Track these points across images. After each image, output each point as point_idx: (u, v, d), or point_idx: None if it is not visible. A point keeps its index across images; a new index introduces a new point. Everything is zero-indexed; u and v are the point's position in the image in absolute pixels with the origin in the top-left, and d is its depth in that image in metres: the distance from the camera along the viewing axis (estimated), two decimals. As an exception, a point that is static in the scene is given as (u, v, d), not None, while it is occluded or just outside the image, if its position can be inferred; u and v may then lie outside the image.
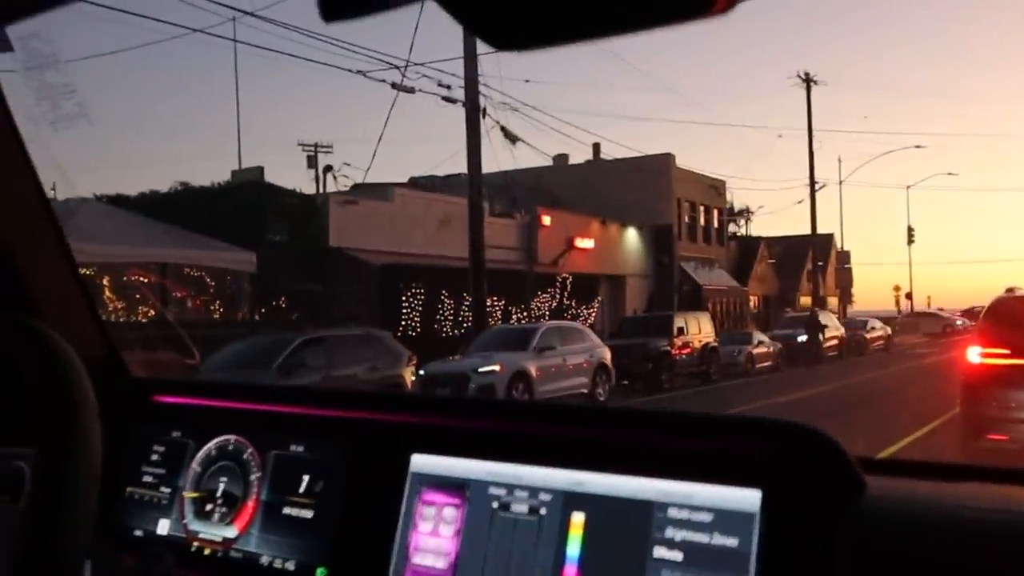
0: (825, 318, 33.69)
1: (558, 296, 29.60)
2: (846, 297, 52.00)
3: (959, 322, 49.66)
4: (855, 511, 1.00)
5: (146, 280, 18.57)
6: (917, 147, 60.00)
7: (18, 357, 1.13)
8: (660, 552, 1.08)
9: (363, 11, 0.75)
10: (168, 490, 1.50)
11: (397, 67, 19.78)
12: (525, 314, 27.19)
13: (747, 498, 1.05)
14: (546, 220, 30.89)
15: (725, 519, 1.06)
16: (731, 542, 1.04)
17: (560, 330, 19.40)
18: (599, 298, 32.37)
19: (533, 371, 17.04)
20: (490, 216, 25.44)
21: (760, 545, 1.02)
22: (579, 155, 40.09)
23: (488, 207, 24.62)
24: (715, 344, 25.03)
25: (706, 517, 1.07)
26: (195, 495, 1.46)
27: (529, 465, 1.20)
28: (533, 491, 1.19)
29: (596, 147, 38.52)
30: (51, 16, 1.38)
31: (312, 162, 34.95)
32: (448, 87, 20.51)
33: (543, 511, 1.17)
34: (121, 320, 18.50)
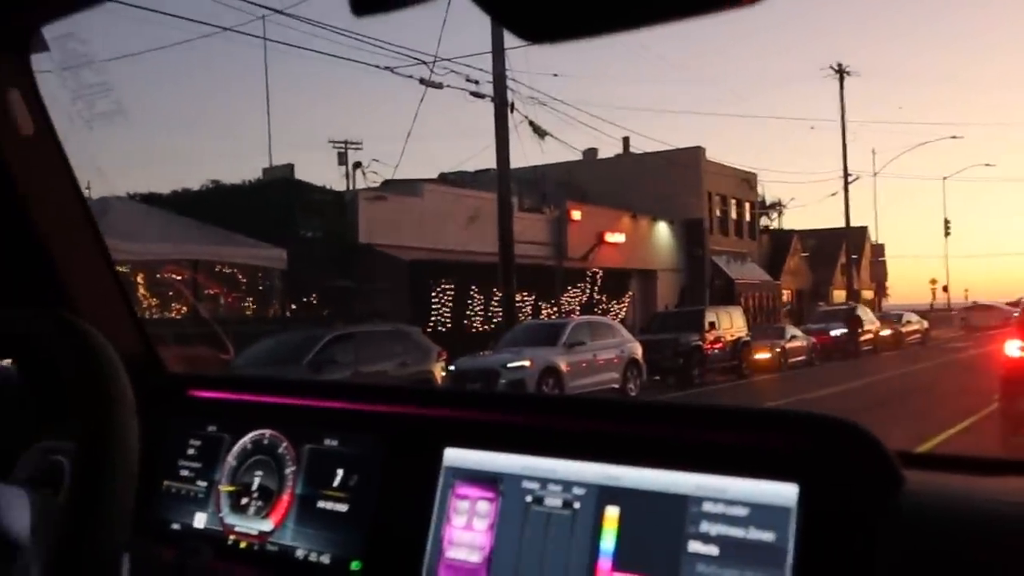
0: (861, 312, 33.42)
1: (588, 291, 29.54)
2: (881, 291, 51.50)
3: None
4: (893, 506, 0.99)
5: (179, 277, 18.79)
6: (953, 137, 59.36)
7: (56, 352, 1.14)
8: (695, 546, 1.08)
9: (393, 5, 0.75)
10: (204, 484, 1.51)
11: (425, 63, 19.85)
12: (555, 309, 27.17)
13: (784, 492, 1.04)
14: (576, 215, 30.85)
15: (761, 513, 1.05)
16: (768, 536, 1.04)
17: (590, 325, 19.41)
18: (630, 293, 32.25)
19: (563, 366, 17.05)
20: (519, 211, 25.45)
21: (797, 540, 1.01)
22: (609, 149, 39.91)
23: (517, 202, 24.64)
24: (747, 339, 24.88)
25: (742, 511, 1.06)
26: (231, 489, 1.48)
27: (563, 459, 1.20)
28: (567, 485, 1.19)
29: (626, 141, 38.37)
30: (83, 15, 1.41)
31: (342, 159, 35.20)
32: (476, 82, 20.56)
33: (577, 505, 1.17)
34: (154, 317, 18.75)
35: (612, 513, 1.15)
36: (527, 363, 16.34)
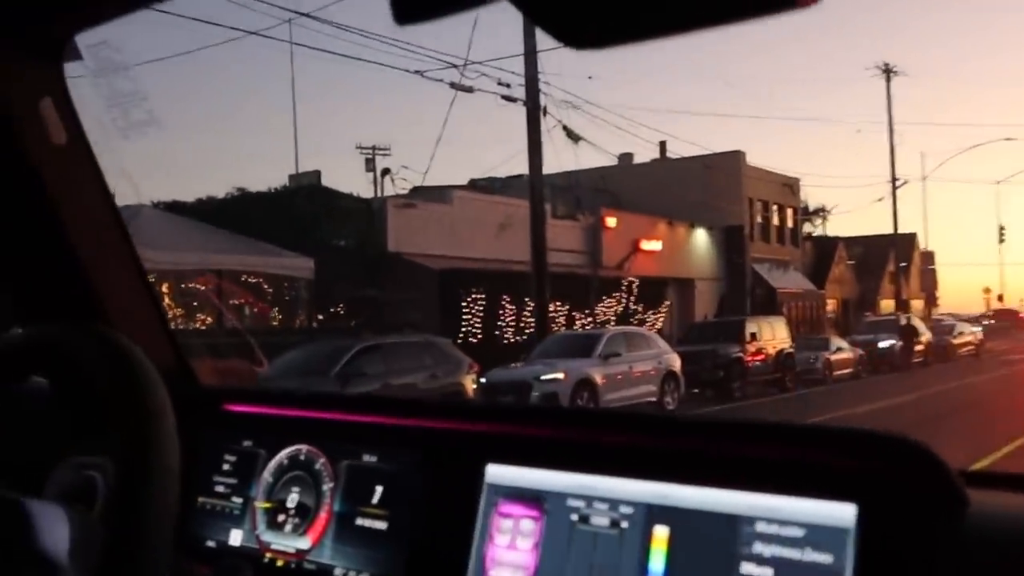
0: (915, 323, 33.08)
1: (624, 301, 29.48)
2: (931, 300, 50.85)
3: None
4: (958, 528, 0.98)
5: (203, 287, 19.01)
6: (1007, 140, 58.41)
7: (93, 365, 1.16)
8: (748, 568, 1.07)
9: (437, 13, 0.76)
10: (240, 500, 1.53)
11: (455, 66, 19.96)
12: (589, 319, 27.16)
13: (841, 513, 1.03)
14: (611, 222, 30.83)
15: (818, 534, 1.04)
16: (824, 559, 1.03)
17: (626, 336, 19.38)
18: (667, 302, 32.10)
19: (598, 379, 17.02)
20: (552, 218, 25.49)
21: (856, 562, 1.00)
22: (645, 154, 39.97)
23: (550, 209, 24.69)
24: (790, 350, 24.68)
25: (797, 532, 1.06)
26: (267, 505, 1.49)
27: (609, 476, 1.20)
28: (614, 503, 1.19)
29: (663, 145, 38.30)
30: (113, 23, 1.44)
31: (370, 165, 35.45)
32: (508, 85, 20.63)
33: (624, 524, 1.17)
34: (181, 327, 18.98)
35: (661, 533, 1.14)
36: (560, 375, 16.34)
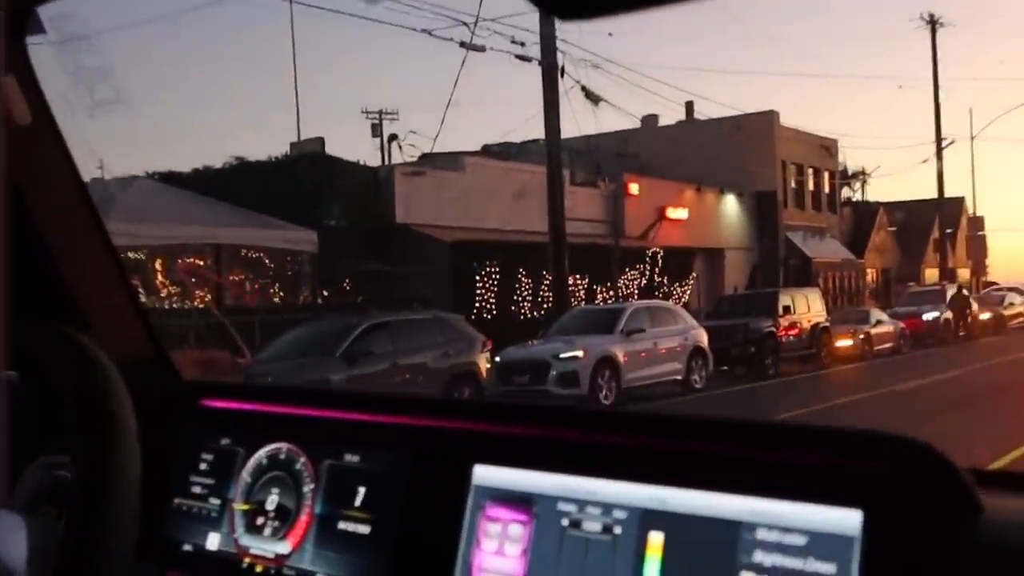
0: (966, 292, 32.94)
1: (648, 273, 29.43)
2: (979, 269, 50.50)
3: None
4: (970, 536, 0.98)
5: (200, 263, 19.08)
6: (1063, 95, 57.58)
7: (53, 365, 1.17)
8: None
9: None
10: (217, 502, 1.54)
11: (465, 24, 19.87)
12: (611, 293, 27.17)
13: (846, 520, 1.03)
14: (633, 188, 30.76)
15: (821, 542, 1.04)
16: (828, 568, 1.03)
17: (650, 311, 19.34)
18: (694, 274, 32.04)
19: (620, 356, 17.02)
20: (571, 185, 25.42)
21: (861, 572, 1.00)
22: (670, 115, 39.74)
23: (569, 175, 24.61)
24: (827, 324, 24.57)
25: (800, 540, 1.05)
26: (246, 507, 1.50)
27: (602, 479, 1.20)
28: (607, 508, 1.19)
29: (689, 106, 38.09)
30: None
31: (376, 131, 35.44)
32: (522, 44, 20.54)
33: (618, 530, 1.17)
34: (174, 306, 19.07)
35: (656, 539, 1.14)
36: (580, 353, 16.33)
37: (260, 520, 1.48)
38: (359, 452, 1.42)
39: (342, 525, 1.40)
